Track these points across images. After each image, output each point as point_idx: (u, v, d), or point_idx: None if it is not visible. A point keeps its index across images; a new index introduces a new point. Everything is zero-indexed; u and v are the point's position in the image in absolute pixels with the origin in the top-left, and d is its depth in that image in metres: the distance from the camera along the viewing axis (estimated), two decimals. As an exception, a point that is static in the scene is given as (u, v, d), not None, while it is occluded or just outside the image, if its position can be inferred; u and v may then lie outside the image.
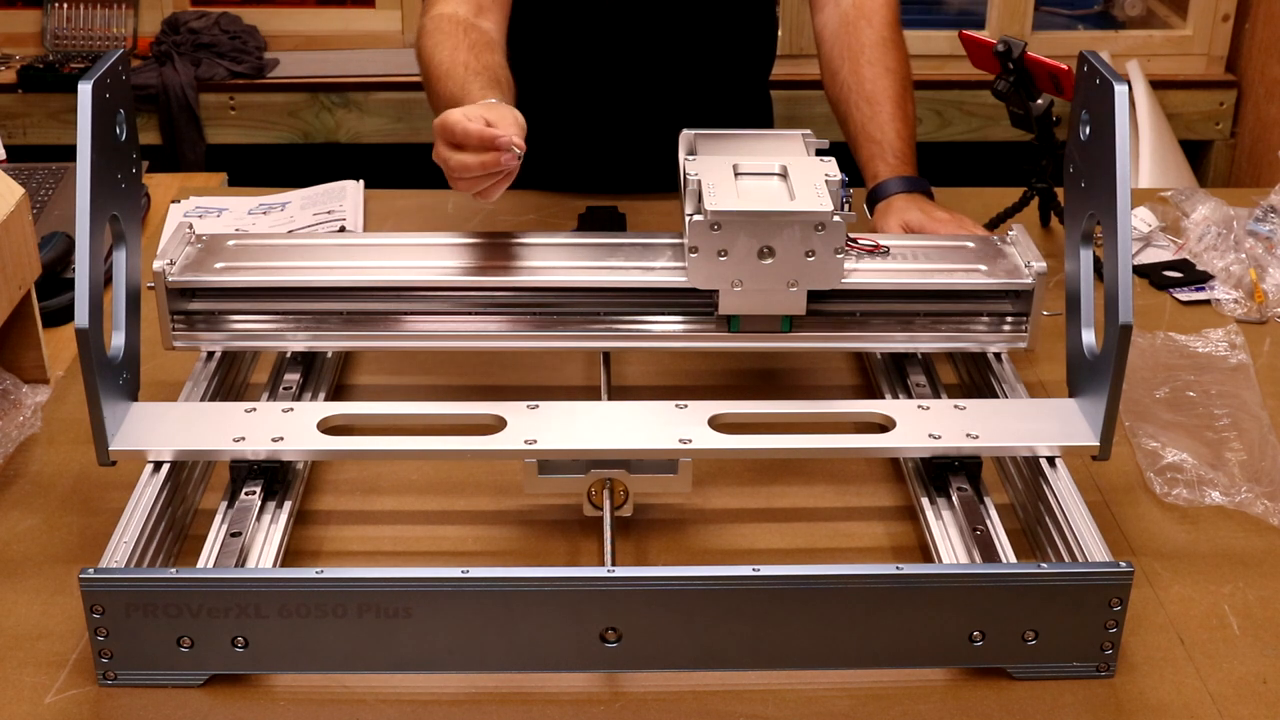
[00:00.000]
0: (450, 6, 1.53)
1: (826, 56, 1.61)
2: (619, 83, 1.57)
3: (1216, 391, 1.39)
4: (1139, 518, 1.22)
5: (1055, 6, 3.15)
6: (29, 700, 1.00)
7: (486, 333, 1.27)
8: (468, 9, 1.53)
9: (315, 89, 2.94)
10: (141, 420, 1.15)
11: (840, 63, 1.56)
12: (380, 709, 1.00)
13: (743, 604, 0.99)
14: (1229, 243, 1.67)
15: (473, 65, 1.43)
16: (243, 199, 1.84)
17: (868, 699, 1.01)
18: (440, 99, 1.42)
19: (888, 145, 1.50)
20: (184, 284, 1.25)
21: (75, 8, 3.05)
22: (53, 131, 2.93)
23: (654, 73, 1.74)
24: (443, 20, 1.51)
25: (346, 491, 1.25)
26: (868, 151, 1.51)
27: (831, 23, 1.61)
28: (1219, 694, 1.02)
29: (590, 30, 1.72)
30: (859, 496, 1.25)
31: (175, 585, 0.98)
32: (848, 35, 1.57)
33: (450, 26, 1.50)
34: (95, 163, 1.06)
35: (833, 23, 1.61)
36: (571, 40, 1.72)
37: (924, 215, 1.44)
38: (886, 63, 1.53)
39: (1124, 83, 1.07)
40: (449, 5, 1.53)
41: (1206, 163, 3.09)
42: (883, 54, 1.54)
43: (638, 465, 1.13)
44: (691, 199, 1.20)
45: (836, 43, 1.59)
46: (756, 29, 1.80)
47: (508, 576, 0.98)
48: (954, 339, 1.28)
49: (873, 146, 1.50)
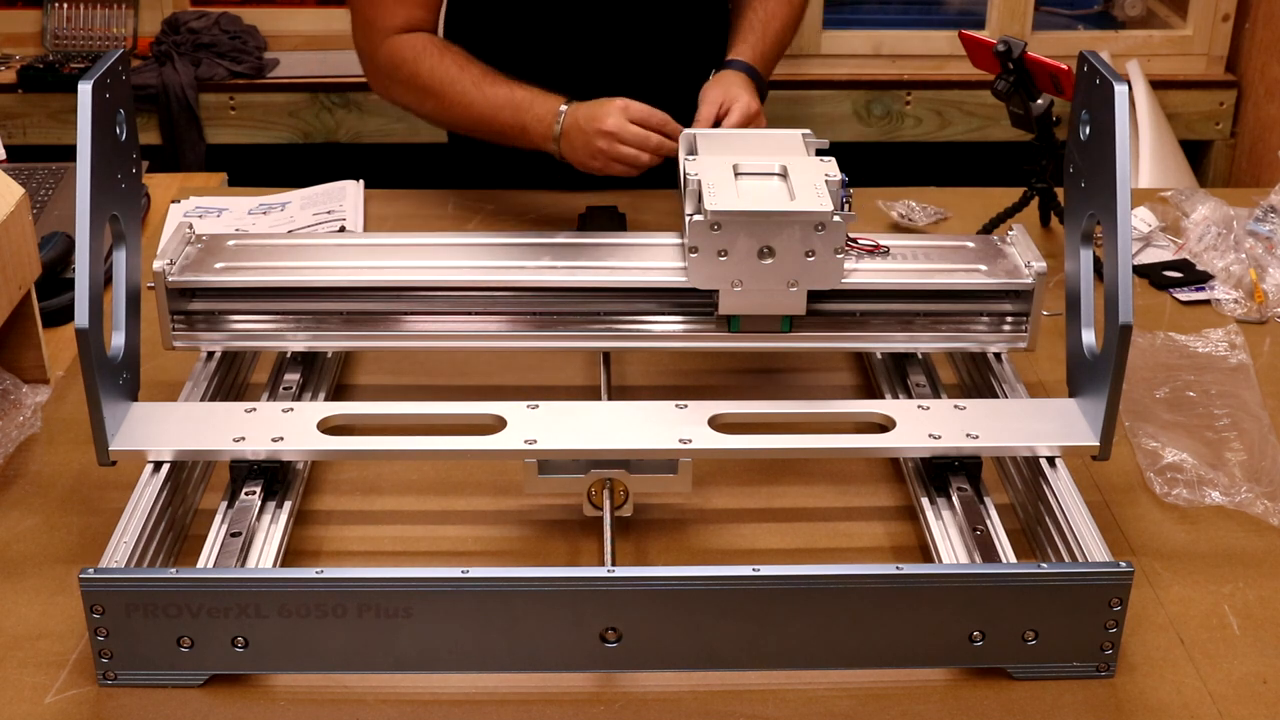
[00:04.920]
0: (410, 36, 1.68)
1: None
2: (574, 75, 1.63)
3: (1216, 391, 1.39)
4: (1139, 518, 1.22)
5: (1055, 6, 3.15)
6: (29, 700, 1.00)
7: (486, 333, 1.27)
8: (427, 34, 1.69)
9: (315, 89, 2.94)
10: (141, 420, 1.15)
11: None
12: (380, 709, 1.00)
13: (743, 604, 0.99)
14: (1229, 243, 1.67)
15: (498, 75, 1.63)
16: (243, 199, 1.84)
17: (868, 699, 1.01)
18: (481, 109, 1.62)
19: (761, 47, 1.72)
20: (184, 284, 1.25)
21: (75, 8, 3.05)
22: (53, 131, 2.92)
23: (609, 64, 1.79)
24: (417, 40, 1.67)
25: (346, 491, 1.25)
26: (744, 38, 1.73)
27: None
28: (1219, 694, 1.02)
29: (546, 24, 1.76)
30: (859, 496, 1.25)
31: (175, 585, 0.98)
32: None
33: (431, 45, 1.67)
34: (95, 163, 1.06)
35: None
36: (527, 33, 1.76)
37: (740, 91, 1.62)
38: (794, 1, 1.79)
39: (1124, 83, 1.07)
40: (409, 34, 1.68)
41: (1206, 163, 3.09)
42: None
43: (638, 465, 1.13)
44: (691, 199, 1.20)
45: None
46: (709, 16, 1.85)
47: (508, 576, 0.98)
48: (954, 339, 1.28)
49: (751, 37, 1.73)
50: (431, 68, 1.64)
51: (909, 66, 2.98)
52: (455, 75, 1.63)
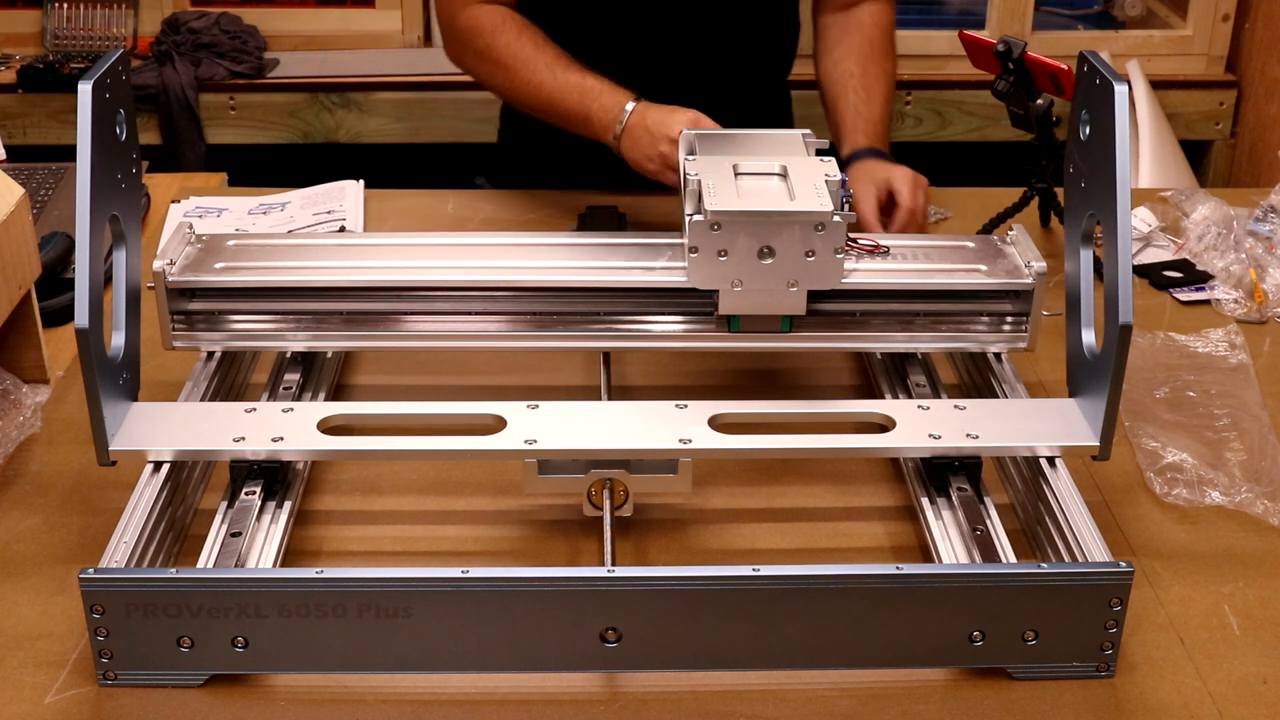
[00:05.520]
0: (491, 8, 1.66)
1: (830, 45, 1.79)
2: (636, 81, 1.61)
3: (1216, 391, 1.39)
4: (1139, 518, 1.22)
5: (1055, 6, 3.15)
6: (29, 700, 1.00)
7: (486, 333, 1.27)
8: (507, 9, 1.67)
9: (315, 89, 2.94)
10: (141, 420, 1.15)
11: (847, 53, 1.76)
12: (380, 709, 1.00)
13: (743, 604, 0.99)
14: (1229, 243, 1.67)
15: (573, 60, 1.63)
16: (243, 199, 1.84)
17: (868, 699, 1.01)
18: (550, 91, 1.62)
19: (872, 126, 1.71)
20: (184, 284, 1.25)
21: (75, 8, 3.05)
22: (53, 131, 2.92)
23: (673, 71, 1.76)
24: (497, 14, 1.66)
25: (346, 491, 1.25)
26: (852, 125, 1.71)
27: (841, 19, 1.79)
28: (1219, 694, 1.02)
29: (609, 28, 1.74)
30: (859, 496, 1.25)
31: (175, 585, 0.98)
32: (858, 35, 1.77)
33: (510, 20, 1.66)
34: (95, 163, 1.06)
35: (842, 19, 1.79)
36: (590, 37, 1.73)
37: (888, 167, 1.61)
38: (885, 66, 1.77)
39: (1124, 83, 1.07)
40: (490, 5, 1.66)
41: (1206, 163, 3.09)
42: (883, 57, 1.77)
43: (638, 465, 1.13)
44: (691, 199, 1.20)
45: (845, 38, 1.78)
46: (778, 28, 1.84)
47: (508, 576, 0.98)
48: (954, 339, 1.28)
49: (859, 121, 1.71)
50: (508, 43, 1.64)
51: (909, 66, 2.97)
52: (530, 54, 1.63)
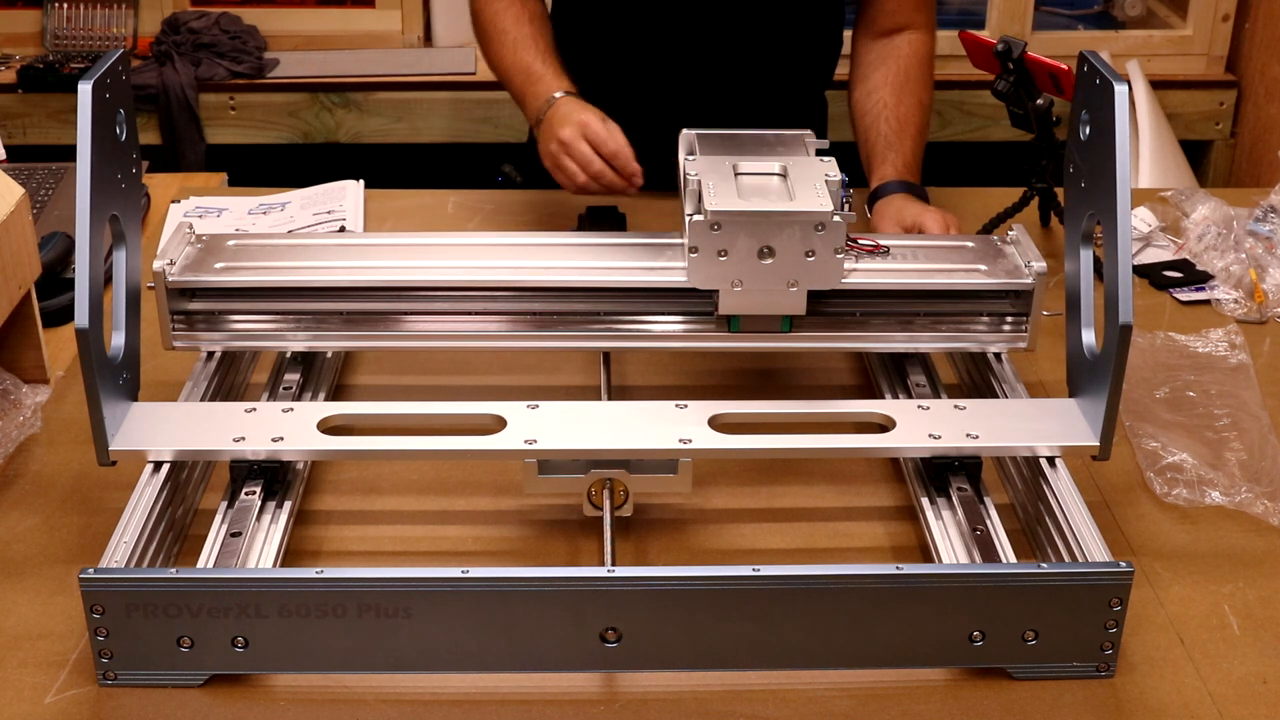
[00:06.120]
0: None
1: (866, 73, 1.74)
2: (676, 82, 1.61)
3: (1216, 391, 1.39)
4: (1139, 518, 1.22)
5: (1055, 6, 3.15)
6: (29, 700, 1.00)
7: (486, 333, 1.27)
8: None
9: (315, 89, 2.94)
10: (141, 420, 1.15)
11: (882, 82, 1.72)
12: (380, 709, 1.00)
13: (743, 604, 0.99)
14: (1229, 243, 1.67)
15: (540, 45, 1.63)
16: (243, 199, 1.84)
17: (868, 699, 1.01)
18: (507, 67, 1.64)
19: (903, 158, 1.66)
20: (184, 284, 1.25)
21: (75, 8, 3.05)
22: (53, 131, 2.92)
23: (714, 78, 1.76)
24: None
25: (346, 491, 1.25)
26: (883, 156, 1.66)
27: (879, 46, 1.74)
28: (1219, 694, 1.02)
29: (651, 31, 1.74)
30: (859, 496, 1.25)
31: (175, 585, 0.98)
32: (894, 64, 1.72)
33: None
34: (95, 163, 1.06)
35: (880, 46, 1.74)
36: (628, 37, 1.74)
37: (918, 209, 1.57)
38: (920, 95, 1.72)
39: (1124, 83, 1.07)
40: None
41: (1206, 163, 3.08)
42: (918, 87, 1.72)
43: (638, 465, 1.13)
44: (691, 199, 1.20)
45: (881, 66, 1.73)
46: (822, 39, 1.83)
47: (508, 576, 0.98)
48: (954, 339, 1.28)
49: (889, 154, 1.66)
50: (495, 13, 1.67)
51: (908, 66, 2.97)
52: (504, 28, 1.65)
